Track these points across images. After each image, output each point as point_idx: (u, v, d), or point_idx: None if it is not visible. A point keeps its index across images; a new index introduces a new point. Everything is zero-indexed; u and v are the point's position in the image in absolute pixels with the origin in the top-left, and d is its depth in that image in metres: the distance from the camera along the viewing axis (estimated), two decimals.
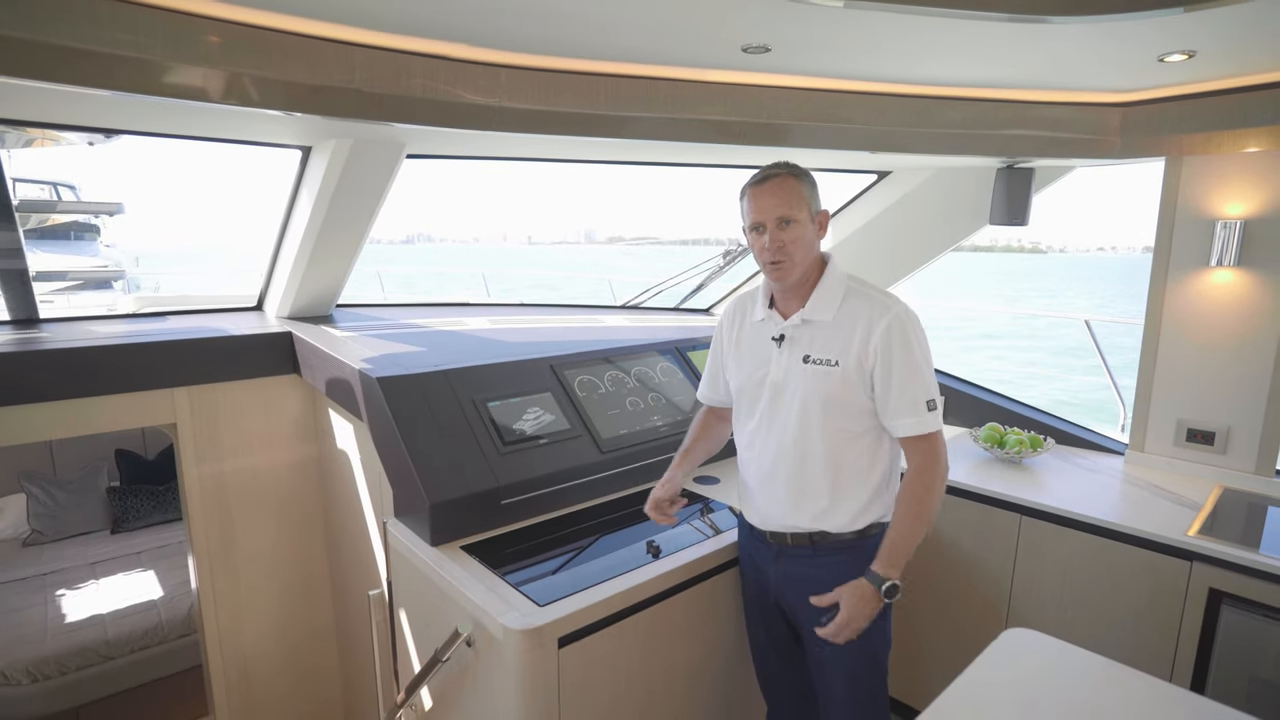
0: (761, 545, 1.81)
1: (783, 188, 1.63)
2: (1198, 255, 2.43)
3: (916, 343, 1.62)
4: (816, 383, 1.65)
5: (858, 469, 1.68)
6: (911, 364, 1.60)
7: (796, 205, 1.62)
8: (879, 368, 1.61)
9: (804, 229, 1.63)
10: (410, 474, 1.91)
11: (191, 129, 2.24)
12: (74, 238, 12.63)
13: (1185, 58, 1.91)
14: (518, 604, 1.62)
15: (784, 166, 1.66)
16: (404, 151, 2.35)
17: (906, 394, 1.60)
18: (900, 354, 1.60)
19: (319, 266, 2.73)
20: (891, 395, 1.61)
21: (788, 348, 1.71)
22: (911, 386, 1.60)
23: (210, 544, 2.64)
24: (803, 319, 1.68)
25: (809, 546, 1.72)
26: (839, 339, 1.64)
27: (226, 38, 1.65)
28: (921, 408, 1.61)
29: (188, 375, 2.50)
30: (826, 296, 1.68)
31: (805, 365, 1.67)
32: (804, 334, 1.69)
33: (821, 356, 1.65)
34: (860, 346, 1.62)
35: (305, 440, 2.80)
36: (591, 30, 1.74)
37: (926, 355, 1.64)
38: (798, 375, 1.68)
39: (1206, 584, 1.98)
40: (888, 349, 1.60)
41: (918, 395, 1.60)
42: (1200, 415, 2.50)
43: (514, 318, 3.28)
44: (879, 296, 1.66)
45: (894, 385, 1.60)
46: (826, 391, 1.64)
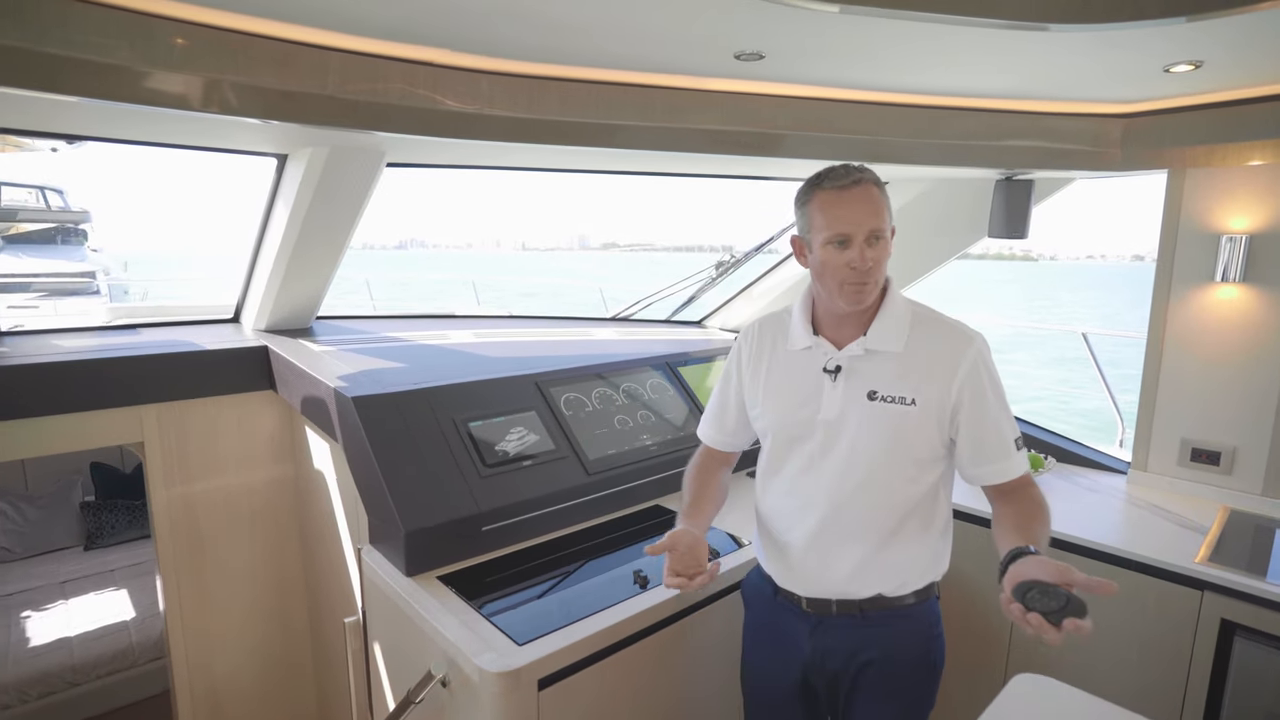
0: (792, 615, 1.55)
1: (872, 195, 1.38)
2: (1202, 270, 2.36)
3: (998, 376, 1.45)
4: (886, 424, 1.42)
5: (922, 522, 1.47)
6: (999, 401, 1.43)
7: (887, 217, 1.40)
8: (968, 409, 1.40)
9: (888, 247, 1.42)
10: (385, 500, 1.82)
11: (159, 135, 2.14)
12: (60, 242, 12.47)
13: (1192, 68, 1.84)
14: (495, 642, 1.53)
15: (865, 171, 1.41)
16: (384, 160, 2.26)
17: (1000, 436, 1.41)
18: (992, 391, 1.41)
19: (296, 278, 2.63)
20: (988, 439, 1.41)
21: (845, 381, 1.45)
22: (1005, 426, 1.43)
23: (179, 566, 2.53)
24: (865, 348, 1.44)
25: (857, 615, 1.49)
26: (914, 373, 1.42)
27: (193, 41, 1.56)
28: (1013, 448, 1.43)
29: (156, 392, 2.39)
30: (893, 323, 1.44)
31: (871, 404, 1.43)
32: (866, 366, 1.45)
33: (893, 393, 1.42)
34: (942, 383, 1.40)
35: (281, 459, 2.70)
36: (578, 36, 1.66)
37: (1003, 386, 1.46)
38: (860, 415, 1.43)
39: (1218, 615, 1.90)
40: (978, 387, 1.40)
41: (1009, 435, 1.43)
42: (1205, 434, 2.43)
43: (500, 331, 3.19)
44: (953, 324, 1.47)
45: (989, 427, 1.41)
46: (898, 434, 1.41)
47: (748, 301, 3.48)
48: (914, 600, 1.50)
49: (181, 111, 1.63)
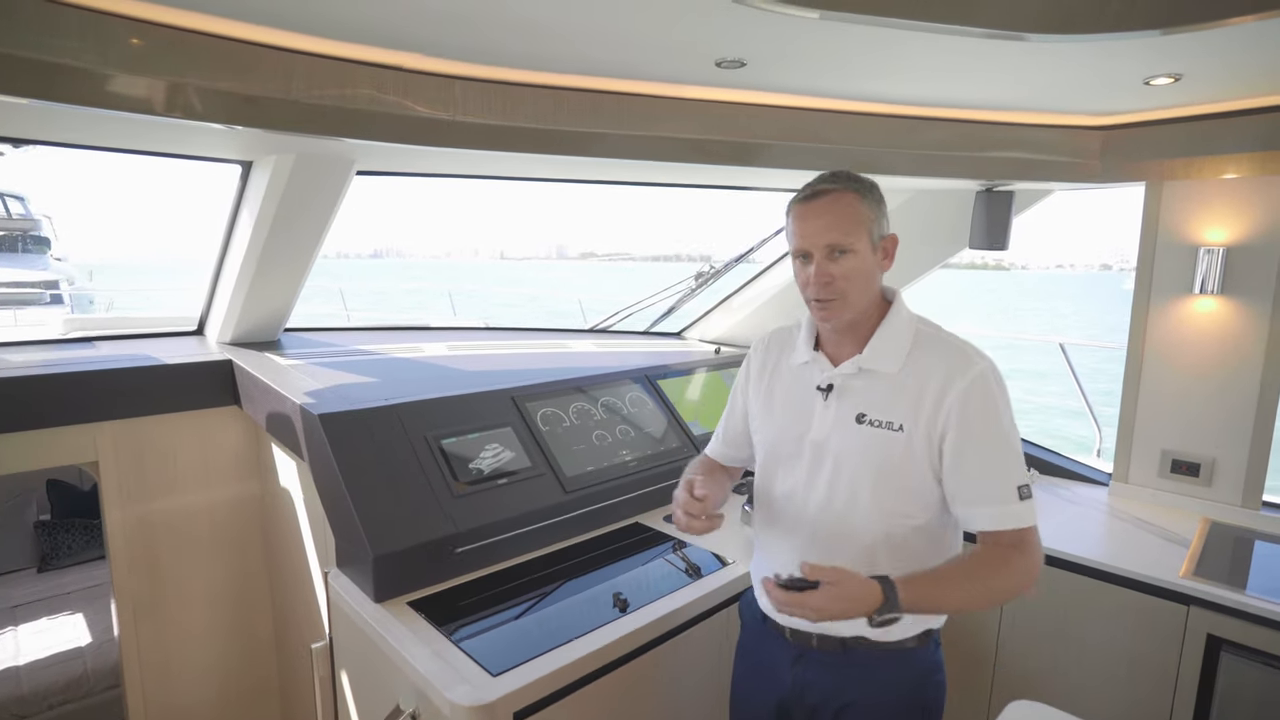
0: (776, 642, 1.47)
1: (837, 206, 1.30)
2: (1180, 282, 2.37)
3: (1006, 408, 1.28)
4: (872, 451, 1.31)
5: (908, 564, 1.30)
6: (997, 436, 1.26)
7: (854, 229, 1.29)
8: (951, 439, 1.26)
9: (862, 260, 1.29)
10: (353, 522, 1.73)
11: (115, 140, 2.04)
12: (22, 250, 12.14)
13: (1171, 81, 1.84)
14: (468, 673, 1.45)
15: (841, 179, 1.32)
16: (354, 168, 2.19)
17: (990, 476, 1.26)
18: (982, 423, 1.25)
19: (263, 289, 2.53)
20: (968, 477, 1.27)
21: (836, 401, 1.37)
22: (996, 465, 1.25)
23: (135, 590, 2.41)
24: (859, 367, 1.35)
25: (840, 652, 1.38)
26: (906, 398, 1.30)
27: (149, 41, 1.48)
28: (1010, 493, 1.25)
29: (112, 409, 2.28)
30: (891, 342, 1.34)
31: (859, 426, 1.33)
32: (859, 386, 1.35)
33: (881, 418, 1.31)
34: (931, 409, 1.27)
35: (247, 477, 2.59)
36: (556, 41, 1.61)
37: (1014, 427, 1.29)
38: (848, 438, 1.34)
39: (1205, 630, 1.88)
40: (965, 416, 1.25)
41: (1006, 477, 1.25)
42: (1185, 446, 2.43)
43: (475, 343, 3.11)
44: (959, 347, 1.32)
45: (971, 464, 1.26)
46: (884, 463, 1.31)
47: (727, 313, 3.44)
48: (900, 646, 1.37)
49: (139, 115, 1.55)
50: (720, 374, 2.95)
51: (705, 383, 2.85)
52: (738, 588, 1.90)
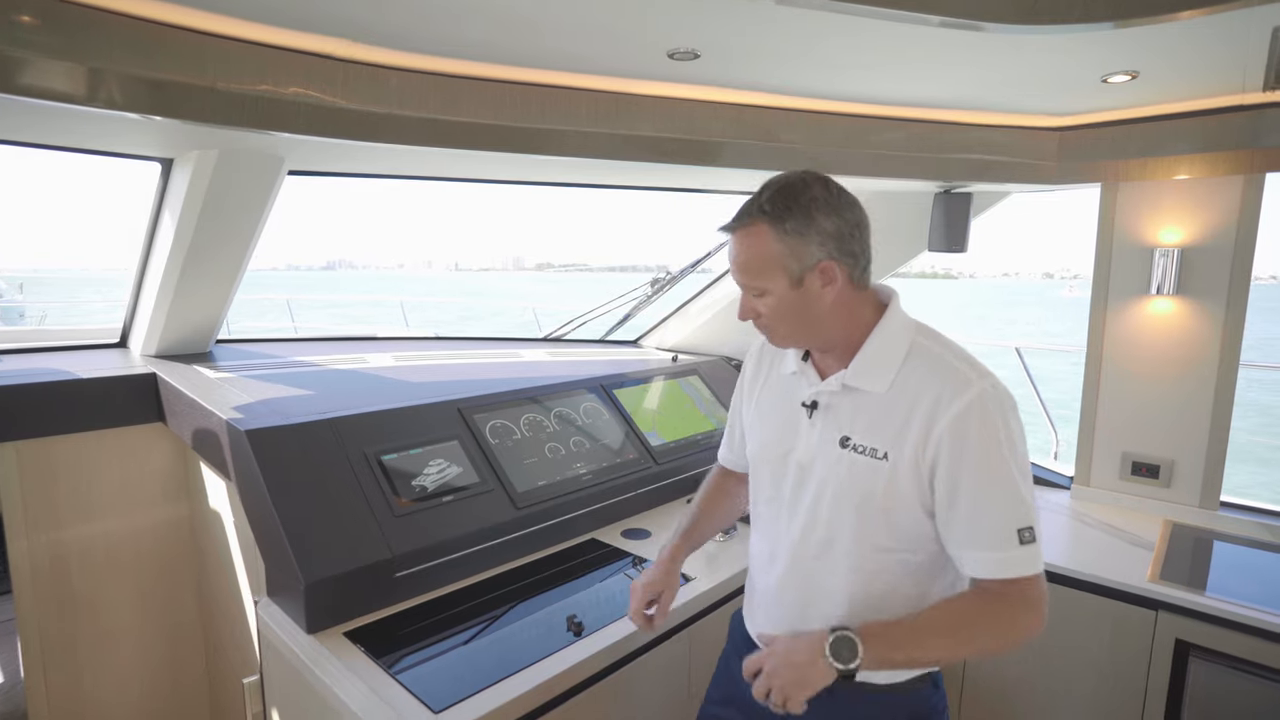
0: None
1: (746, 243, 1.17)
2: (1137, 284, 2.37)
3: (1007, 439, 1.09)
4: (855, 478, 1.17)
5: (895, 605, 1.18)
6: (995, 470, 1.09)
7: (762, 271, 1.15)
8: (943, 472, 1.11)
9: (781, 300, 1.16)
10: (283, 547, 1.59)
11: (27, 135, 1.87)
12: None
13: (1129, 78, 1.83)
14: (408, 711, 1.32)
15: (758, 205, 1.16)
16: (284, 166, 2.04)
17: (985, 516, 1.10)
18: (977, 455, 1.09)
19: (189, 297, 2.36)
20: (960, 516, 1.11)
21: (821, 419, 1.23)
22: (993, 505, 1.09)
23: (44, 628, 2.20)
24: (844, 384, 1.20)
25: (824, 693, 1.16)
26: (894, 421, 1.14)
27: (43, 17, 1.33)
28: (1008, 538, 1.08)
29: (18, 428, 2.08)
30: (879, 356, 1.18)
31: (843, 451, 1.19)
32: (845, 405, 1.21)
33: (865, 443, 1.16)
34: (920, 436, 1.11)
35: (172, 500, 2.40)
36: (498, 30, 1.51)
37: (1021, 459, 1.11)
38: (831, 463, 1.20)
39: (1173, 635, 1.85)
40: (958, 446, 1.09)
41: (1006, 519, 1.09)
42: (1144, 448, 2.42)
43: (423, 353, 2.97)
44: (956, 364, 1.14)
45: (963, 501, 1.10)
46: (867, 494, 1.16)
47: (683, 320, 3.36)
48: (890, 690, 1.22)
49: (33, 101, 1.40)
50: (678, 382, 2.87)
51: (663, 391, 2.76)
52: (698, 606, 1.80)
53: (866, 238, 1.20)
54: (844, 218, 1.16)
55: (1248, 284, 2.20)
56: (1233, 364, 2.24)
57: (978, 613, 1.12)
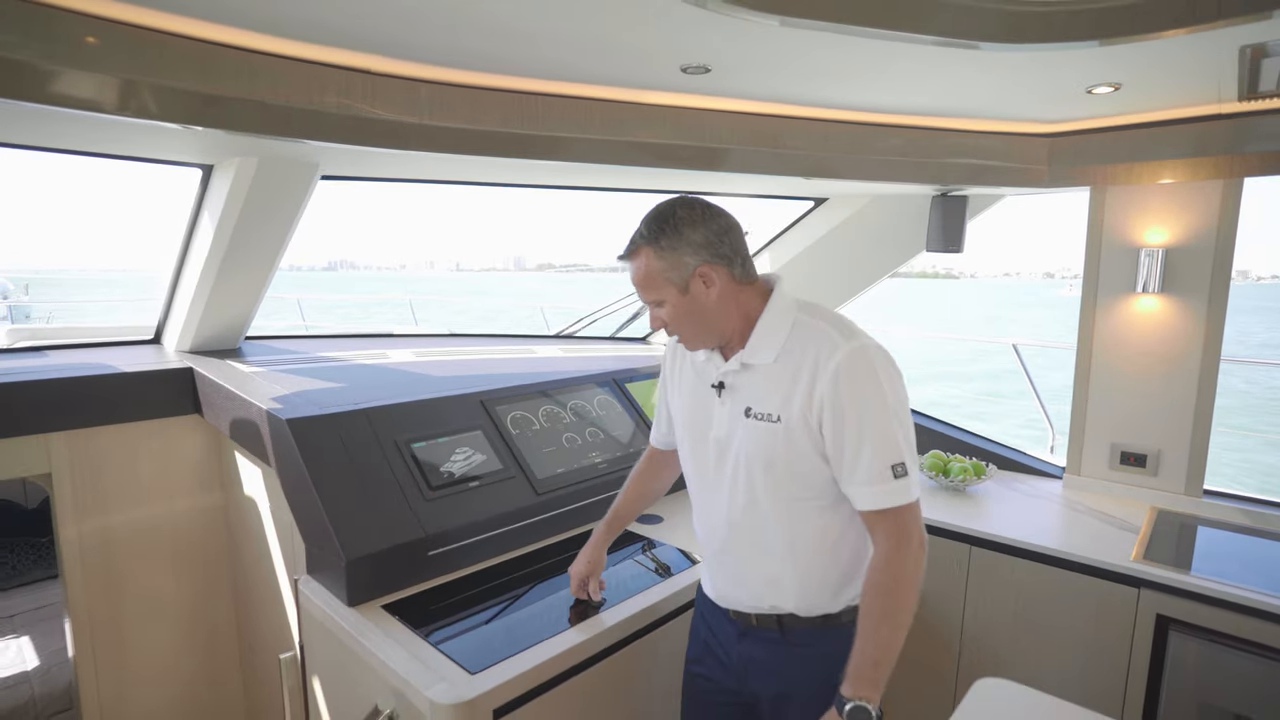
0: (723, 621, 1.52)
1: (636, 267, 1.36)
2: (1124, 282, 2.49)
3: (875, 390, 1.26)
4: (760, 442, 1.35)
5: (824, 544, 1.38)
6: (868, 417, 1.26)
7: (651, 286, 1.35)
8: (827, 423, 1.28)
9: (675, 306, 1.35)
10: (324, 527, 1.71)
11: (68, 142, 2.00)
12: None
13: (1112, 89, 1.95)
14: (446, 672, 1.45)
15: (640, 233, 1.36)
16: (318, 172, 2.17)
17: (864, 456, 1.26)
18: (853, 404, 1.26)
19: (224, 296, 2.49)
20: (845, 457, 1.28)
21: (729, 398, 1.41)
22: (870, 446, 1.26)
23: (92, 608, 2.33)
24: (742, 363, 1.38)
25: (777, 630, 1.43)
26: (782, 387, 1.33)
27: (106, 39, 1.46)
28: (884, 473, 1.26)
29: (66, 419, 2.21)
30: (768, 333, 1.36)
31: (748, 420, 1.37)
32: (744, 381, 1.38)
33: (763, 410, 1.34)
34: (804, 396, 1.29)
35: (208, 487, 2.53)
36: (521, 44, 1.63)
37: (893, 405, 1.27)
38: (741, 432, 1.38)
39: (1154, 610, 1.97)
40: (836, 398, 1.26)
41: (879, 458, 1.26)
42: (1132, 438, 2.54)
43: (441, 349, 3.10)
44: (829, 331, 1.31)
45: (846, 445, 1.27)
46: (771, 453, 1.34)
47: None
48: (828, 623, 1.40)
49: (95, 115, 1.52)
50: None
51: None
52: None
53: (736, 240, 1.37)
54: (709, 227, 1.34)
55: (1228, 281, 2.32)
56: (1214, 358, 2.35)
57: (882, 582, 1.28)
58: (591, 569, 1.74)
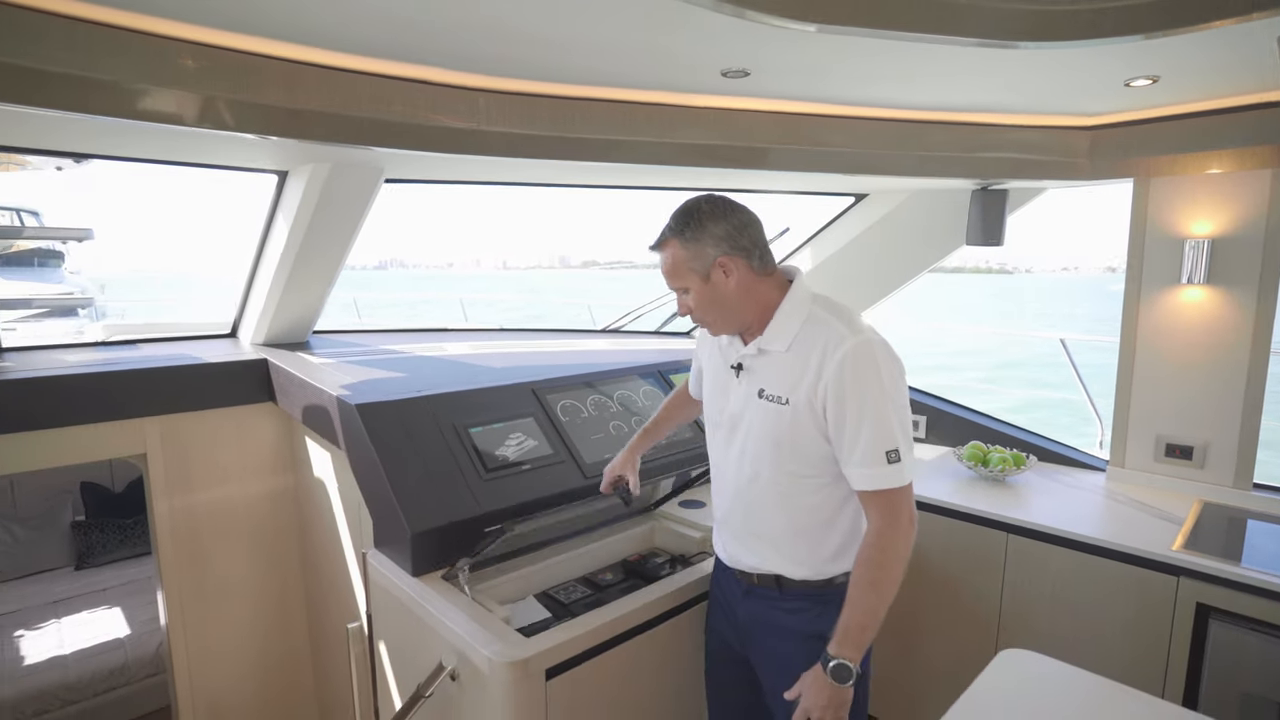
0: (731, 580, 1.68)
1: (665, 258, 1.50)
2: (1169, 273, 2.48)
3: (875, 381, 1.38)
4: (769, 422, 1.49)
5: (820, 518, 1.51)
6: (867, 406, 1.37)
7: (677, 276, 1.49)
8: (830, 409, 1.40)
9: (698, 294, 1.49)
10: (391, 503, 1.87)
11: (166, 154, 2.20)
12: (38, 264, 12.36)
13: (1150, 82, 1.96)
14: (504, 635, 1.58)
15: (669, 225, 1.49)
16: (383, 175, 2.33)
17: (861, 441, 1.38)
18: (854, 393, 1.37)
19: (295, 292, 2.68)
20: (844, 441, 1.40)
21: (745, 379, 1.55)
22: (867, 432, 1.37)
23: (180, 579, 2.55)
24: (759, 348, 1.51)
25: (775, 590, 1.57)
26: (792, 374, 1.45)
27: (202, 61, 1.63)
28: (878, 458, 1.37)
29: (158, 405, 2.43)
30: (784, 322, 1.49)
31: (760, 401, 1.51)
32: (760, 365, 1.52)
33: (774, 392, 1.48)
34: (811, 383, 1.42)
35: (281, 470, 2.73)
36: (568, 55, 1.75)
37: (891, 396, 1.39)
38: (752, 411, 1.53)
39: (1194, 598, 1.98)
40: (839, 387, 1.38)
41: (875, 443, 1.37)
42: (1178, 430, 2.53)
43: (494, 343, 3.25)
44: (837, 325, 1.43)
45: (846, 430, 1.39)
46: (777, 432, 1.47)
47: None
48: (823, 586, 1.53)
49: (192, 129, 1.70)
50: None
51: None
52: None
53: (755, 234, 1.50)
54: (730, 222, 1.47)
55: (1278, 273, 2.29)
56: (1265, 349, 2.33)
57: (873, 555, 1.40)
58: (623, 469, 1.90)
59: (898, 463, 1.38)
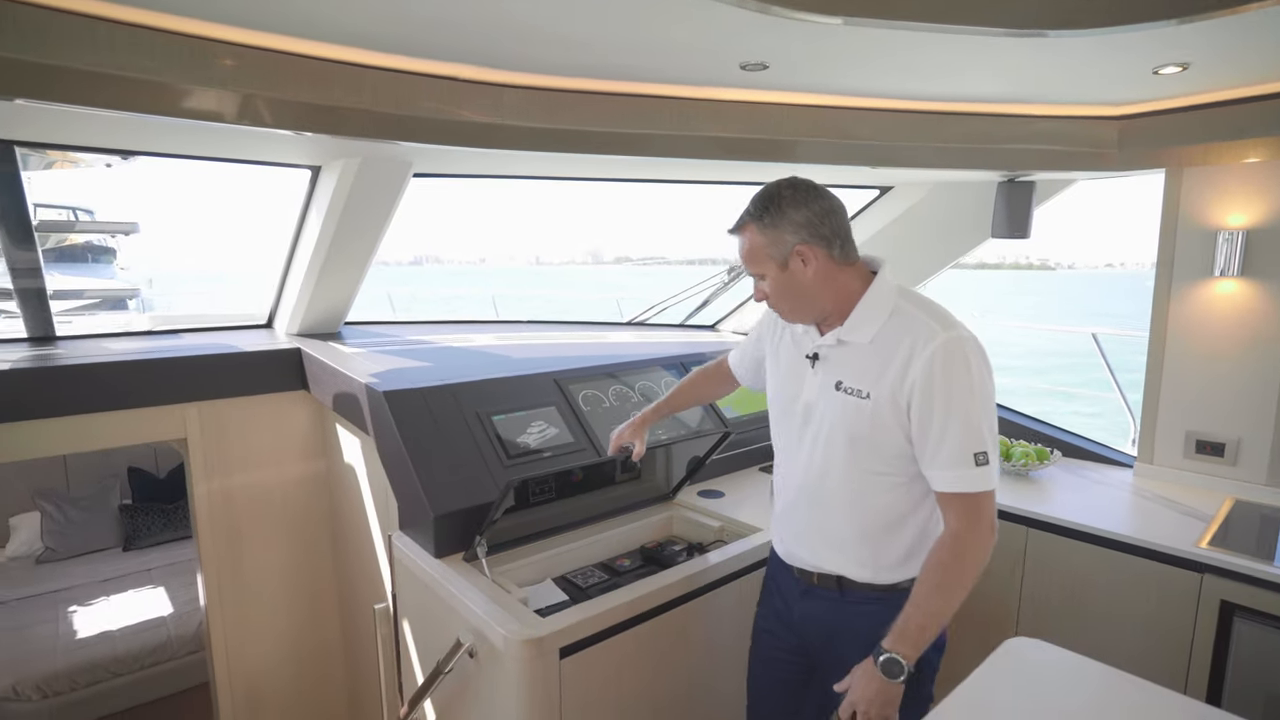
0: (788, 578, 1.63)
1: (743, 241, 1.47)
2: (1201, 266, 2.43)
3: (967, 380, 1.33)
4: (846, 415, 1.43)
5: (890, 518, 1.45)
6: (956, 405, 1.32)
7: (755, 261, 1.45)
8: (916, 407, 1.35)
9: (775, 281, 1.44)
10: (415, 486, 1.93)
11: (205, 149, 2.30)
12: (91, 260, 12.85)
13: (1180, 69, 1.93)
14: (520, 615, 1.63)
15: (746, 212, 1.46)
16: (411, 170, 2.40)
17: (948, 442, 1.33)
18: (943, 392, 1.32)
19: (328, 284, 2.77)
20: (929, 441, 1.35)
21: (821, 369, 1.50)
22: (954, 433, 1.32)
23: (219, 560, 2.66)
24: (838, 339, 1.45)
25: (836, 590, 1.52)
26: (874, 367, 1.40)
27: (240, 61, 1.70)
28: (965, 460, 1.32)
29: (198, 391, 2.53)
30: (867, 314, 1.43)
31: (837, 393, 1.45)
32: (838, 356, 1.47)
33: (854, 386, 1.42)
34: (896, 378, 1.36)
35: (313, 456, 2.82)
36: (588, 51, 1.78)
37: (981, 396, 1.34)
38: (828, 403, 1.47)
39: (1218, 596, 1.95)
40: (928, 385, 1.33)
41: (963, 445, 1.32)
42: (1209, 426, 2.48)
43: (520, 334, 3.31)
44: (926, 320, 1.38)
45: (933, 430, 1.34)
46: (855, 427, 1.42)
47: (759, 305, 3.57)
48: (888, 590, 1.47)
49: (230, 126, 1.77)
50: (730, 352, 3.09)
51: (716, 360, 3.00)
52: (762, 554, 2.03)
53: (837, 222, 1.44)
54: (811, 208, 1.41)
55: None
56: None
57: (945, 558, 1.35)
58: (632, 437, 1.91)
59: (985, 465, 1.32)
